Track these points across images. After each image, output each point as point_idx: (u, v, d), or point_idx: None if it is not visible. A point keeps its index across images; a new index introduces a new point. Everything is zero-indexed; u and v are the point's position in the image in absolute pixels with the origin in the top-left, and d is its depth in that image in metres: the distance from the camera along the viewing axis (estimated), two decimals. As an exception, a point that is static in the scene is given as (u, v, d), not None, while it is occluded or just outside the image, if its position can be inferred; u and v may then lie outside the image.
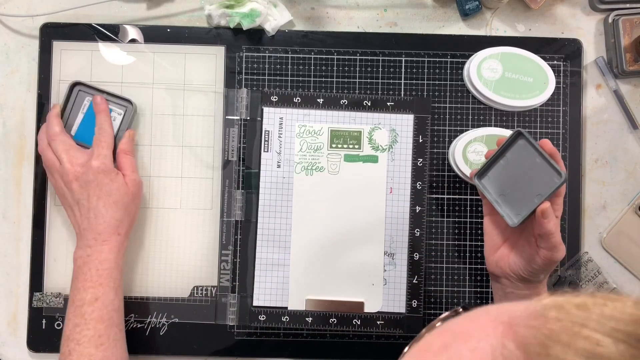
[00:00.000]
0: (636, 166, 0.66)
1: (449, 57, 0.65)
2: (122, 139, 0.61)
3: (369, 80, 0.65)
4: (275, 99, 0.64)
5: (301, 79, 0.64)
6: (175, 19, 0.66)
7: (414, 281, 0.63)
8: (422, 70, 0.65)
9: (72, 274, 0.56)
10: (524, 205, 0.52)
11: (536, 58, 0.64)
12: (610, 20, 0.65)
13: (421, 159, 0.64)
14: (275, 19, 0.64)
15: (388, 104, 0.64)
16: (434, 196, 0.64)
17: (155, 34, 0.64)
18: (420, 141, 0.64)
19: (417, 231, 0.64)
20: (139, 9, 0.65)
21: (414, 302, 0.63)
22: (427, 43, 0.65)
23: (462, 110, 0.65)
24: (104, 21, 0.64)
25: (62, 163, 0.57)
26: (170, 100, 0.64)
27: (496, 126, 0.64)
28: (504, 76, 0.64)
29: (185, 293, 0.63)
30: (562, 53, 0.65)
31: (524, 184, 0.52)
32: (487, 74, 0.64)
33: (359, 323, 0.63)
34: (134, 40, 0.64)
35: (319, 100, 0.64)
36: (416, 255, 0.63)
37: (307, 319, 0.63)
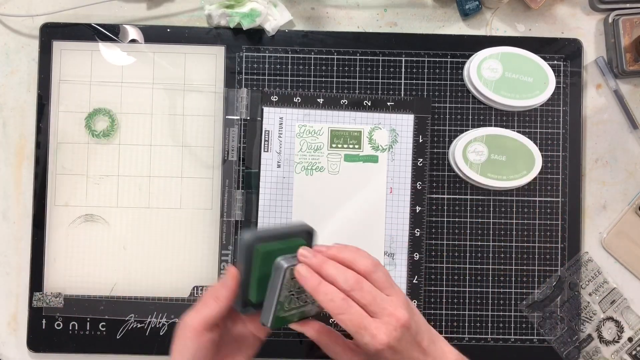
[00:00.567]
0: (636, 166, 0.66)
1: (449, 57, 0.65)
2: None
3: (369, 80, 0.65)
4: (275, 99, 0.64)
5: (301, 79, 0.64)
6: (175, 19, 0.66)
7: (414, 281, 0.63)
8: (422, 70, 0.65)
9: None
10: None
11: (536, 58, 0.64)
12: (610, 20, 0.65)
13: (421, 159, 0.64)
14: (275, 19, 0.64)
15: (388, 104, 0.64)
16: (434, 196, 0.64)
17: (155, 34, 0.64)
18: (421, 141, 0.64)
19: (417, 231, 0.64)
20: (139, 9, 0.66)
21: (414, 302, 0.63)
22: (427, 43, 0.65)
23: (462, 110, 0.65)
24: (104, 21, 0.64)
25: None
26: (170, 100, 0.64)
27: (496, 126, 0.65)
28: (504, 76, 0.64)
29: (185, 293, 0.63)
30: (562, 53, 0.65)
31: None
32: (487, 74, 0.64)
33: (359, 323, 0.63)
34: (134, 40, 0.64)
35: (319, 100, 0.64)
36: (416, 255, 0.63)
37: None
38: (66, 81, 0.64)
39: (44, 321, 0.63)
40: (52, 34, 0.64)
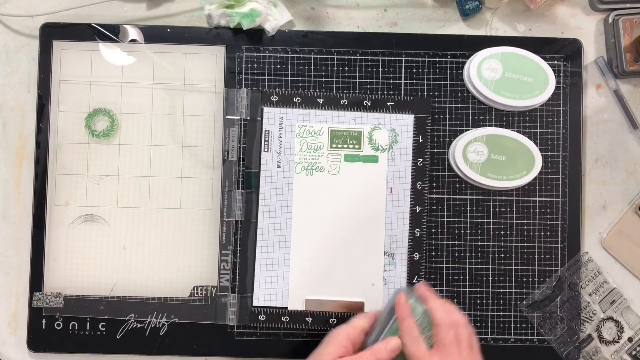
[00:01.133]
0: (636, 166, 0.66)
1: (449, 57, 0.65)
2: None
3: (369, 80, 0.65)
4: (275, 99, 0.64)
5: (301, 79, 0.65)
6: (175, 19, 0.66)
7: (414, 281, 0.63)
8: (422, 70, 0.65)
9: None
10: None
11: (536, 58, 0.64)
12: (610, 20, 0.65)
13: (421, 159, 0.64)
14: (275, 19, 0.64)
15: (388, 104, 0.64)
16: (434, 196, 0.64)
17: (155, 34, 0.64)
18: (421, 141, 0.64)
19: (417, 231, 0.64)
20: (139, 9, 0.66)
21: (414, 302, 0.63)
22: (427, 43, 0.65)
23: (462, 110, 0.65)
24: (104, 21, 0.64)
25: None
26: (170, 100, 0.64)
27: (496, 126, 0.65)
28: (504, 76, 0.64)
29: (185, 293, 0.63)
30: (562, 53, 0.65)
31: None
32: (487, 74, 0.64)
33: (359, 323, 0.63)
34: (134, 40, 0.64)
35: (319, 100, 0.64)
36: (416, 255, 0.63)
37: (307, 319, 0.63)
38: (66, 81, 0.64)
39: (44, 321, 0.63)
40: (52, 34, 0.64)
